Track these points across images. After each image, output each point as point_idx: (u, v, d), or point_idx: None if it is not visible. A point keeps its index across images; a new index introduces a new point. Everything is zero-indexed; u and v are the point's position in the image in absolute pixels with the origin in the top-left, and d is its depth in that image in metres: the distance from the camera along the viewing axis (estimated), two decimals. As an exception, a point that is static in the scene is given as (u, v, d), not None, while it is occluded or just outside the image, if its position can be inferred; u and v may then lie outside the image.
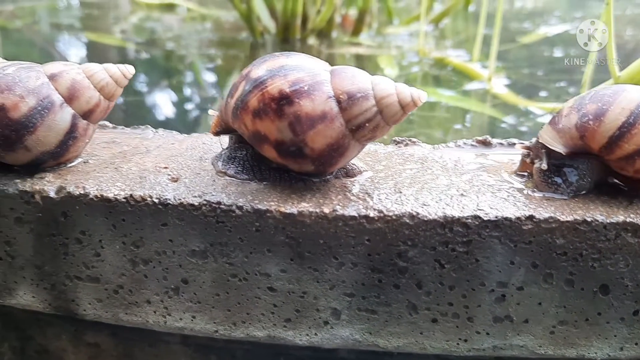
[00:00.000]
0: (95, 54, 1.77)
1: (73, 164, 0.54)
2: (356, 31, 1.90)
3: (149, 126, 0.64)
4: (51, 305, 0.55)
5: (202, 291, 0.50)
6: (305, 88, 0.45)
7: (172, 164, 0.54)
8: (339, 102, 0.45)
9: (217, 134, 0.53)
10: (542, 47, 1.77)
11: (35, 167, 0.52)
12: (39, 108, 0.49)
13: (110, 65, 0.53)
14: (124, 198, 0.48)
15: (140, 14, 2.55)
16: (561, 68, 1.47)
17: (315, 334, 0.50)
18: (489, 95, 1.25)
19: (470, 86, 1.30)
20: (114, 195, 0.48)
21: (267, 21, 1.86)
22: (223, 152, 0.53)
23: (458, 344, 0.49)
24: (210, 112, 0.55)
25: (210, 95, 1.25)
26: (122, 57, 1.69)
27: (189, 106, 1.21)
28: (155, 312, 0.52)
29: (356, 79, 0.46)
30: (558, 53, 1.67)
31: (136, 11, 2.59)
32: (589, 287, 0.47)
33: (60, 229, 0.51)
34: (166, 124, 1.03)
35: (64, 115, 0.50)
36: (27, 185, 0.50)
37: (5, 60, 0.62)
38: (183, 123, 1.11)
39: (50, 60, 0.53)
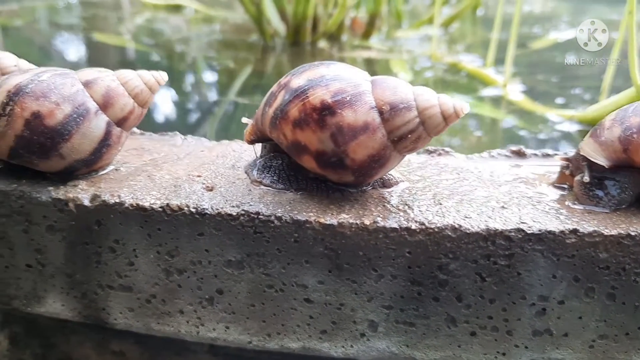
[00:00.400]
0: (104, 55, 1.76)
1: (105, 171, 0.53)
2: (366, 35, 1.89)
3: (178, 132, 0.63)
4: (81, 313, 0.54)
5: (237, 302, 0.50)
6: (348, 98, 0.45)
7: (205, 172, 0.53)
8: (381, 113, 0.45)
9: (251, 142, 0.53)
10: (553, 53, 1.76)
11: (68, 174, 0.51)
12: (75, 115, 0.48)
13: (144, 72, 0.52)
14: (160, 207, 0.48)
15: (146, 15, 2.54)
16: (575, 74, 1.47)
17: (352, 345, 0.49)
18: (504, 101, 1.24)
19: (486, 92, 1.29)
20: (150, 204, 0.48)
21: (277, 24, 1.85)
22: (257, 161, 0.52)
23: (496, 357, 0.49)
24: (244, 120, 0.54)
25: (228, 99, 1.25)
26: (131, 59, 1.68)
27: (208, 110, 1.20)
28: (188, 322, 0.51)
29: (398, 90, 0.46)
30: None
31: (140, 12, 2.58)
32: (631, 302, 0.46)
33: (93, 238, 0.50)
34: (188, 129, 1.03)
35: (98, 123, 0.50)
36: (61, 193, 0.50)
37: (32, 66, 0.62)
38: (202, 127, 1.10)
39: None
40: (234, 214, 0.47)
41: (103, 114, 0.50)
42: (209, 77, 1.54)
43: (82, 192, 0.50)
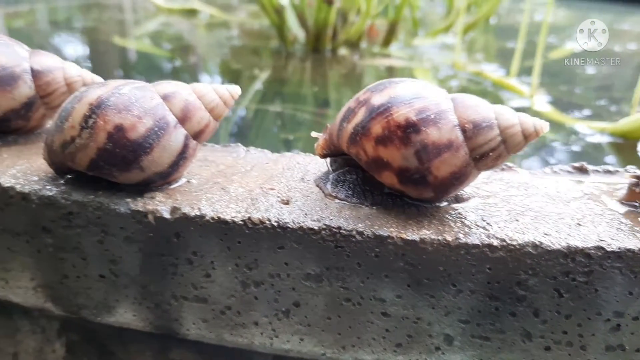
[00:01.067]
0: (125, 59, 1.77)
1: (178, 184, 0.54)
2: (386, 42, 1.90)
3: (240, 144, 0.64)
4: (152, 324, 0.55)
5: (314, 314, 0.50)
6: (432, 116, 0.46)
7: (277, 184, 0.54)
8: (464, 130, 0.46)
9: (324, 156, 0.53)
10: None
11: (144, 186, 0.52)
12: (156, 129, 0.49)
13: (218, 86, 0.53)
14: (242, 220, 0.48)
15: (160, 19, 2.55)
16: (598, 85, 1.48)
17: (426, 359, 0.50)
18: (531, 112, 1.25)
19: (512, 103, 1.30)
20: (231, 217, 0.49)
21: (296, 30, 1.87)
22: (330, 175, 0.53)
23: (568, 371, 0.49)
24: (313, 134, 0.55)
25: (249, 105, 1.25)
26: (155, 64, 1.69)
27: (254, 120, 1.20)
28: (262, 333, 0.52)
29: (480, 108, 0.47)
30: (590, 70, 1.68)
31: (154, 16, 2.59)
32: None
33: (171, 249, 0.51)
34: (234, 138, 1.04)
35: (177, 136, 0.50)
36: (140, 205, 0.50)
37: (95, 76, 0.62)
38: (256, 138, 1.10)
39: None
40: (316, 228, 0.47)
41: (181, 127, 0.51)
42: (234, 83, 1.55)
43: (160, 204, 0.50)
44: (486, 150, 0.46)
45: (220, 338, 0.53)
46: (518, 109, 0.49)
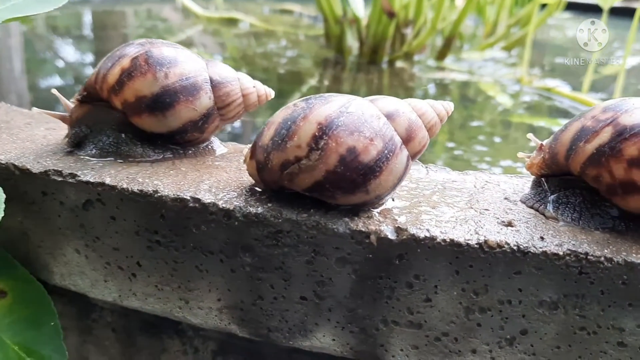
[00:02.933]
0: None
1: (384, 202, 0.51)
2: (441, 55, 1.89)
3: (419, 161, 0.62)
4: (353, 349, 0.52)
5: (541, 343, 0.48)
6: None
7: (487, 205, 0.52)
8: None
9: (541, 176, 0.51)
10: (630, 79, 1.78)
11: (360, 207, 0.49)
12: (385, 151, 0.46)
13: (435, 102, 0.51)
14: (477, 244, 0.46)
15: (198, 27, 2.53)
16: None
17: (659, 392, 0.48)
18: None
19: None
20: (465, 240, 0.46)
21: (351, 42, 1.85)
22: (550, 197, 0.51)
23: None
24: (520, 154, 0.53)
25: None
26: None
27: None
28: (480, 362, 0.49)
29: None
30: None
31: (194, 24, 2.57)
32: None
33: (390, 272, 0.48)
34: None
35: (402, 158, 0.48)
36: (360, 224, 0.48)
37: (267, 88, 0.60)
38: None
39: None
40: (560, 253, 0.45)
41: (405, 148, 0.48)
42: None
43: (382, 224, 0.48)
44: None
45: (430, 366, 0.51)
46: None
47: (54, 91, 0.62)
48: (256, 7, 3.13)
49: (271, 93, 0.61)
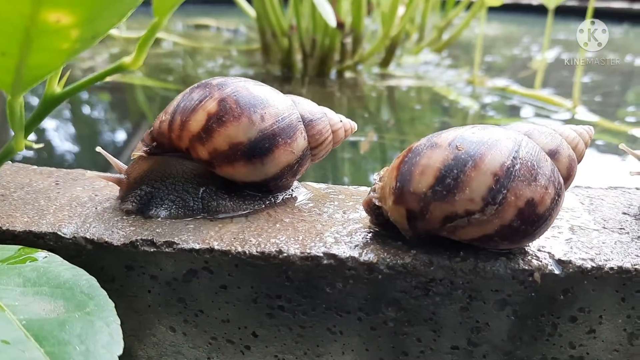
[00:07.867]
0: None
1: (521, 233, 0.49)
2: (385, 63, 1.90)
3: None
4: (506, 393, 0.49)
5: (702, 358, 0.47)
6: None
7: (613, 223, 0.51)
8: None
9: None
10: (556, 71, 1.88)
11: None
12: (556, 197, 0.43)
13: (579, 129, 0.48)
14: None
15: (114, 49, 2.36)
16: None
17: None
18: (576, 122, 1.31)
19: (558, 115, 1.35)
20: (632, 265, 0.44)
21: (294, 55, 1.81)
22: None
23: None
24: (632, 172, 0.53)
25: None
26: (164, 98, 1.55)
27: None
28: (642, 386, 0.48)
29: None
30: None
31: (107, 47, 2.40)
32: None
33: (553, 308, 0.45)
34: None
35: (564, 198, 0.45)
36: (520, 263, 0.45)
37: (346, 119, 0.56)
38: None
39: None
40: None
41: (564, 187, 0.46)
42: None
43: (542, 259, 0.45)
44: None
45: (590, 398, 0.49)
46: (569, 121, 0.49)
47: (100, 149, 0.53)
48: (168, 23, 2.98)
49: (355, 126, 0.56)
